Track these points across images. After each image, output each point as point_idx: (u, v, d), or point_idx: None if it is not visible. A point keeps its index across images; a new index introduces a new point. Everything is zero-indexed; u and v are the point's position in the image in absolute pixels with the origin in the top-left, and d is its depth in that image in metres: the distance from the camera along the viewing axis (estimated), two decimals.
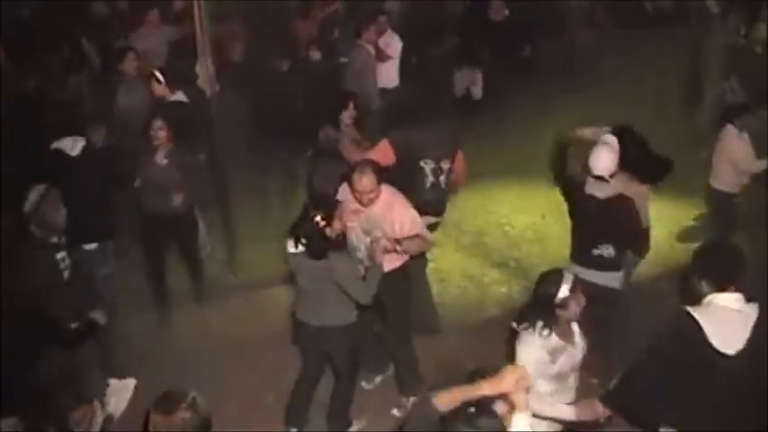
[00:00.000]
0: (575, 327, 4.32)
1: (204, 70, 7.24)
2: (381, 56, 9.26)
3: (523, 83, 10.54)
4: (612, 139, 5.47)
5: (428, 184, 6.11)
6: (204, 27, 7.11)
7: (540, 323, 4.15)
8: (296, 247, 5.12)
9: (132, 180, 6.59)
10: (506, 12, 10.50)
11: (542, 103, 9.95)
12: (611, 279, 5.44)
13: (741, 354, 3.78)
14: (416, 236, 5.45)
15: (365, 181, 5.23)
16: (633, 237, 5.52)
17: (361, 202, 5.34)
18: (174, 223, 6.71)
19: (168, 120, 6.59)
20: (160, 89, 7.64)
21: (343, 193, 5.57)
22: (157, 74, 7.66)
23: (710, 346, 3.77)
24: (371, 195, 5.28)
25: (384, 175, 5.41)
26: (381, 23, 9.35)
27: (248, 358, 6.31)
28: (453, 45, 10.17)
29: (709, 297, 3.92)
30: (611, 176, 5.37)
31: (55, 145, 6.16)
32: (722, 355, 3.78)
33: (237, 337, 6.60)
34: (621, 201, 5.41)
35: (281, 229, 5.48)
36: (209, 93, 7.25)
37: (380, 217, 5.36)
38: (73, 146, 6.13)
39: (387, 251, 5.29)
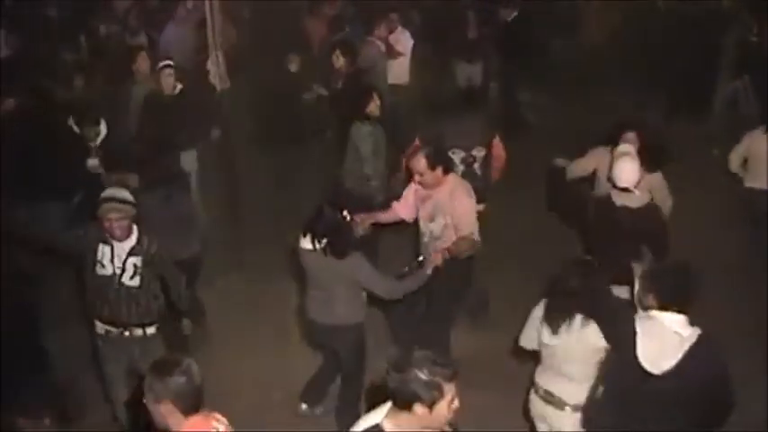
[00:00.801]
0: None
1: (215, 66, 7.22)
2: (392, 52, 9.24)
3: (535, 80, 10.51)
4: (630, 149, 5.52)
5: (459, 174, 6.13)
6: (216, 23, 7.10)
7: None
8: (312, 244, 5.06)
9: None
10: (515, 13, 10.41)
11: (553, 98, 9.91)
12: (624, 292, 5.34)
13: (667, 375, 3.75)
14: (465, 238, 5.46)
15: (417, 162, 5.44)
16: (662, 244, 5.47)
17: (422, 185, 5.53)
18: None
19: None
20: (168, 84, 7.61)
21: (409, 190, 5.72)
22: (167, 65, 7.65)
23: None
24: (425, 178, 5.46)
25: (446, 162, 5.59)
26: (392, 20, 9.34)
27: (255, 356, 6.27)
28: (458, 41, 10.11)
29: (653, 312, 3.88)
30: (636, 186, 5.39)
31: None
32: (647, 372, 3.78)
33: (244, 334, 6.55)
34: (652, 210, 5.51)
35: (292, 226, 5.48)
36: (219, 88, 7.23)
37: (445, 203, 5.49)
38: None
39: (438, 255, 5.37)
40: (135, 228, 5.01)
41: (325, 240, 4.97)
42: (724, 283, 6.28)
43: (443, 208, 5.52)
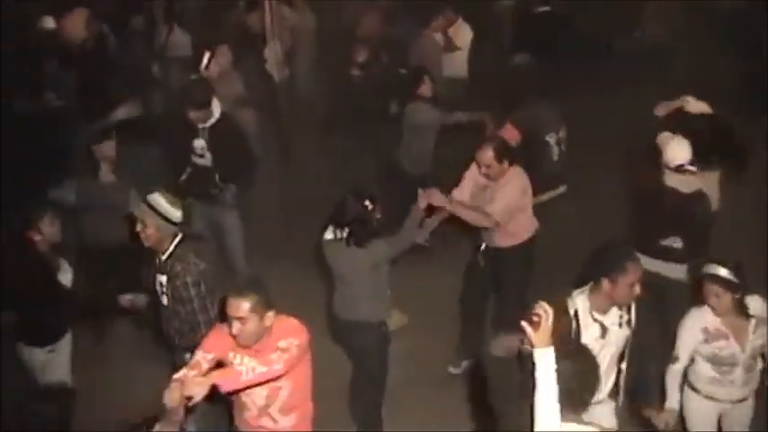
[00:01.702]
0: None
1: (273, 55, 7.20)
2: (449, 46, 9.11)
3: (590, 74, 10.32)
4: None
5: (555, 156, 6.39)
6: (274, 11, 7.09)
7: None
8: (334, 234, 4.96)
9: None
10: (547, 7, 10.18)
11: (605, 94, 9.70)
12: (678, 271, 5.34)
13: None
14: (478, 207, 5.54)
15: (484, 154, 5.48)
16: (703, 234, 5.41)
17: (487, 177, 5.56)
18: None
19: None
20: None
21: (473, 171, 5.72)
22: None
23: None
24: (492, 170, 5.50)
25: (512, 154, 5.63)
26: (450, 13, 9.21)
27: None
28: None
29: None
30: (692, 164, 5.29)
31: None
32: None
33: None
34: (700, 198, 5.34)
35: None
36: (277, 77, 7.20)
37: (499, 189, 5.55)
38: None
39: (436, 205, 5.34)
40: (173, 241, 4.70)
41: (347, 230, 4.87)
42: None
43: (496, 193, 5.58)
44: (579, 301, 4.19)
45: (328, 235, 4.99)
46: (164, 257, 4.71)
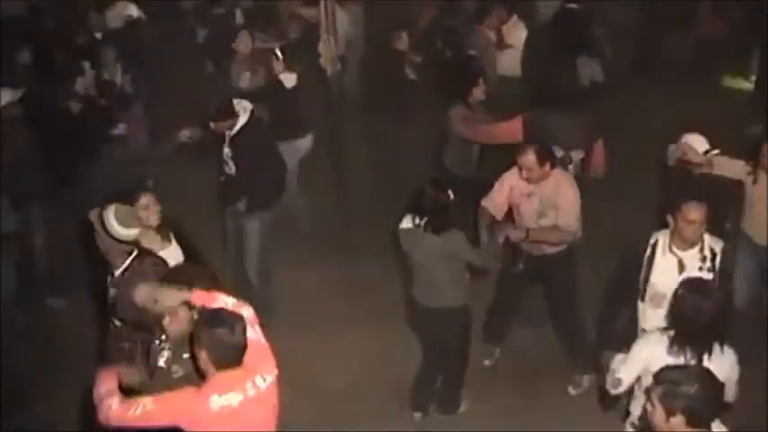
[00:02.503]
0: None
1: (327, 49, 7.24)
2: (501, 43, 9.09)
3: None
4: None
5: None
6: (329, 5, 7.12)
7: None
8: (413, 222, 5.06)
9: None
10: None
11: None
12: None
13: None
14: (555, 227, 5.47)
15: (526, 158, 5.40)
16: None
17: (528, 180, 5.48)
18: None
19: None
20: (279, 66, 7.61)
21: (509, 178, 5.63)
22: (278, 51, 7.67)
23: None
24: (533, 174, 5.42)
25: (553, 157, 5.56)
26: (503, 11, 9.18)
27: (349, 339, 6.32)
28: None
29: None
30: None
31: None
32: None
33: (341, 317, 6.61)
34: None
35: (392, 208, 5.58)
36: (330, 72, 7.25)
37: (551, 197, 5.47)
38: None
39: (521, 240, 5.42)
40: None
41: (426, 218, 4.98)
42: None
43: (551, 202, 5.48)
44: (661, 235, 4.72)
45: (406, 224, 5.12)
46: (116, 272, 4.52)
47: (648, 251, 4.71)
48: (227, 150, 6.21)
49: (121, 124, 7.88)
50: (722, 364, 3.89)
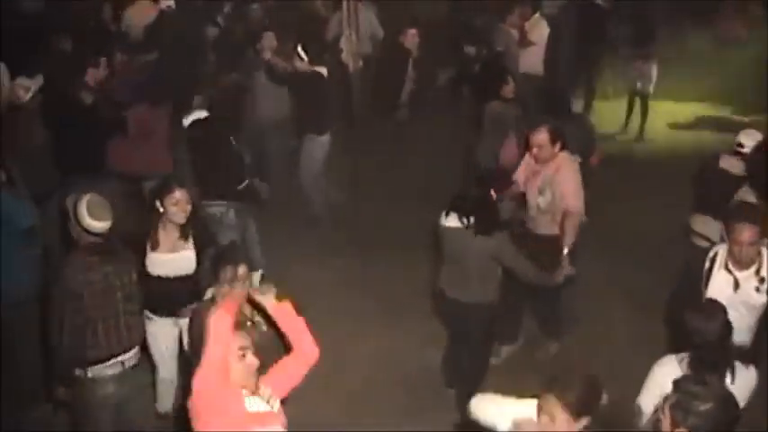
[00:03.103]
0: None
1: (348, 44, 7.16)
2: (524, 41, 9.01)
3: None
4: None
5: None
6: (351, 4, 7.04)
7: None
8: (459, 221, 5.02)
9: None
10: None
11: None
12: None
13: None
14: (572, 215, 5.48)
15: (538, 134, 5.55)
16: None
17: (536, 159, 5.61)
18: None
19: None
20: (303, 66, 7.54)
21: (527, 157, 5.78)
22: (300, 50, 7.59)
23: None
24: (543, 151, 5.56)
25: (564, 138, 5.64)
26: (526, 9, 9.10)
27: (366, 335, 6.25)
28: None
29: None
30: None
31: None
32: None
33: (356, 312, 6.53)
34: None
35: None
36: (351, 67, 7.17)
37: (552, 178, 5.58)
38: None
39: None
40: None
41: (473, 218, 4.96)
42: None
43: (551, 182, 5.60)
44: (720, 249, 4.56)
45: (450, 222, 5.08)
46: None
47: (707, 264, 4.56)
48: None
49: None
50: (746, 382, 3.81)
